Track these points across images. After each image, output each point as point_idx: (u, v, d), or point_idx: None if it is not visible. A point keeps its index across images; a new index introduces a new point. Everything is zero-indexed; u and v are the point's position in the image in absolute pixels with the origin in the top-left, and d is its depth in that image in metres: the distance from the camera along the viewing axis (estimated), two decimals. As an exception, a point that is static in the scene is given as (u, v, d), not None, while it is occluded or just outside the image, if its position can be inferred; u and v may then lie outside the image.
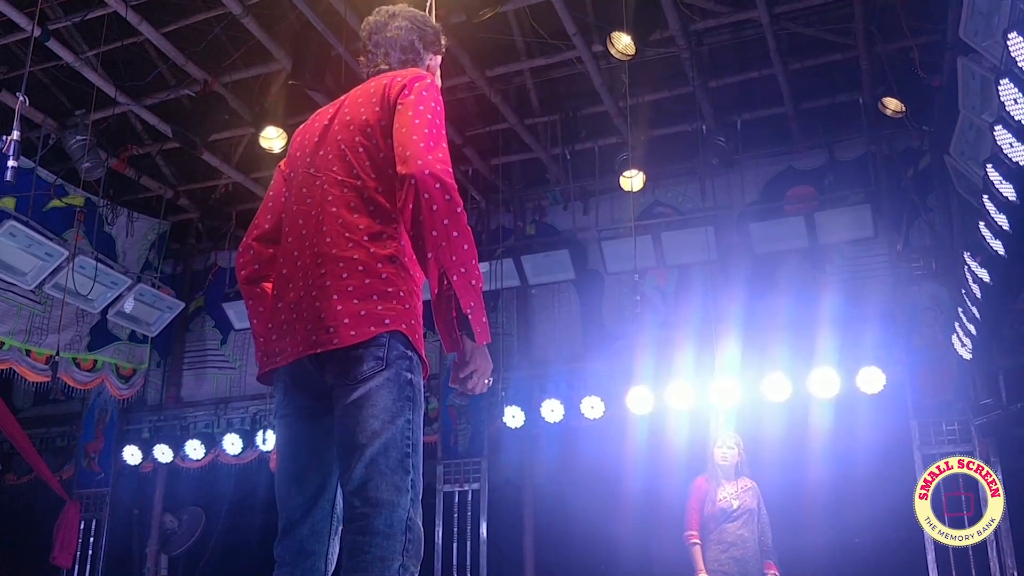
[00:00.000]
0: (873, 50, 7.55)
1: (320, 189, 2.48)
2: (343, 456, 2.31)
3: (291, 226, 2.53)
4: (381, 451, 2.26)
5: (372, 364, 2.30)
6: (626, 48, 7.08)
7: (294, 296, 2.42)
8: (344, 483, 2.30)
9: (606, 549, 8.28)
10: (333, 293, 2.33)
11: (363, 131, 2.46)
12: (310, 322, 2.35)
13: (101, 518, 9.90)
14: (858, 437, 7.60)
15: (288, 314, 2.43)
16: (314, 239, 2.42)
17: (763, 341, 8.16)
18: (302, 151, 2.63)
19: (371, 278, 2.35)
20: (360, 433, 2.27)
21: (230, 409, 10.06)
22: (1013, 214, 5.19)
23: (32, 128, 8.29)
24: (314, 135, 2.61)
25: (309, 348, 2.35)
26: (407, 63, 2.69)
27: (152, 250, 9.91)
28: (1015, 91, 4.52)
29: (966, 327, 6.77)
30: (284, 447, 2.51)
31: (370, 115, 2.47)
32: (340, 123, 2.54)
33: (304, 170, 2.56)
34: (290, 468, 2.48)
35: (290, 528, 2.44)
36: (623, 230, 8.68)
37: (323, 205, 2.45)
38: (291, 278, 2.45)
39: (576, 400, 8.52)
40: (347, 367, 2.31)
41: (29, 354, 8.92)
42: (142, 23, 7.15)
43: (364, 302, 2.32)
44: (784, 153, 8.90)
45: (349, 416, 2.30)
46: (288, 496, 2.46)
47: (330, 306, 2.32)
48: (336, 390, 2.35)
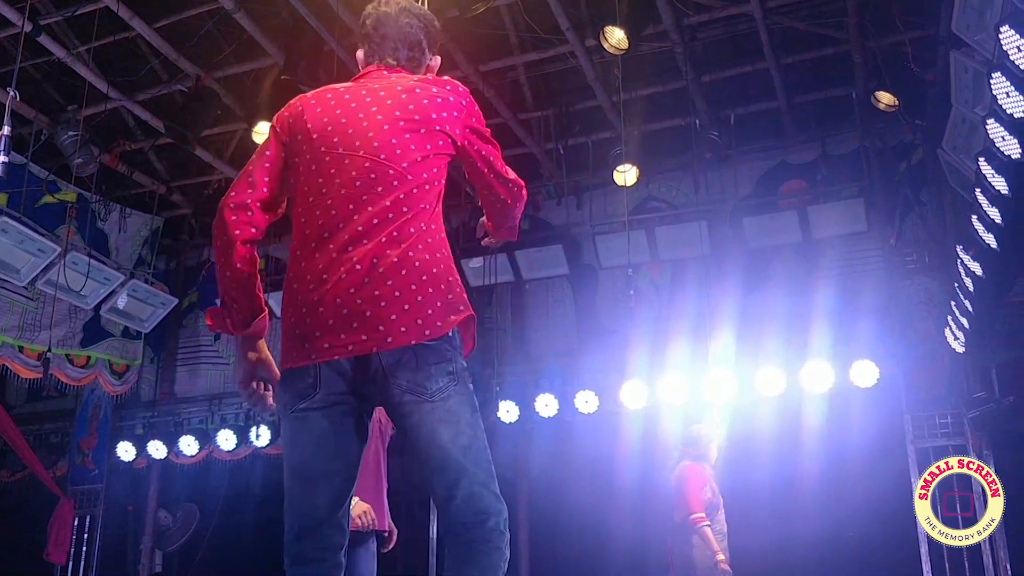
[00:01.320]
0: (866, 44, 7.55)
1: (395, 176, 2.42)
2: (439, 469, 2.34)
3: (342, 208, 2.39)
4: (477, 463, 2.37)
5: (447, 378, 2.37)
6: (619, 43, 7.07)
7: (352, 285, 2.32)
8: (447, 491, 2.34)
9: (600, 543, 8.29)
10: (412, 283, 2.34)
11: (433, 134, 2.48)
12: (387, 314, 2.32)
13: (95, 515, 9.90)
14: (851, 431, 7.63)
15: (350, 304, 2.32)
16: (389, 232, 2.37)
17: (756, 335, 8.18)
18: (341, 131, 2.47)
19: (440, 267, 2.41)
20: (456, 450, 2.34)
21: (224, 405, 10.05)
22: (1005, 207, 5.20)
23: (24, 124, 8.26)
24: (356, 118, 2.49)
25: (381, 344, 2.31)
26: (413, 60, 2.67)
27: (145, 246, 9.88)
28: (1007, 85, 4.53)
29: (959, 320, 6.79)
30: (310, 445, 2.38)
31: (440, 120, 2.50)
32: (404, 118, 2.47)
33: (353, 152, 2.44)
34: (316, 467, 2.38)
35: (315, 528, 2.38)
36: (617, 225, 8.69)
37: (408, 193, 2.41)
38: (346, 265, 2.34)
39: (570, 394, 8.53)
40: (423, 377, 2.34)
41: (22, 351, 8.90)
42: (134, 18, 7.13)
43: (437, 292, 2.39)
44: (777, 147, 8.90)
45: (439, 435, 2.34)
46: (314, 495, 2.38)
47: (419, 294, 2.35)
48: (406, 403, 2.35)
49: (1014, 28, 4.33)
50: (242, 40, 7.61)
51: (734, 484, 6.82)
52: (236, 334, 2.47)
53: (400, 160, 2.42)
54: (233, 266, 2.41)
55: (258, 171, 2.50)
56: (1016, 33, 4.33)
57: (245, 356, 2.47)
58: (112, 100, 8.02)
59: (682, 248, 8.70)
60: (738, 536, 6.49)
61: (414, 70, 2.68)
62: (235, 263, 2.41)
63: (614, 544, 8.14)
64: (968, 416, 7.38)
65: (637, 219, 8.79)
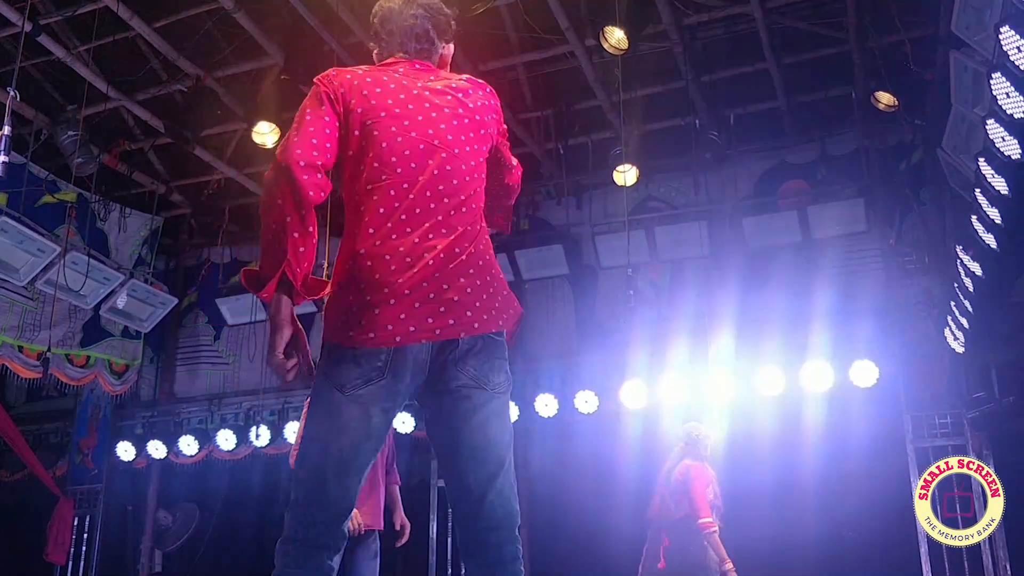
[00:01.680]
0: (866, 44, 7.55)
1: (466, 172, 2.49)
2: (482, 459, 2.36)
3: (421, 197, 2.39)
4: (510, 463, 2.43)
5: (504, 377, 2.49)
6: (619, 43, 7.07)
7: (438, 271, 2.33)
8: (482, 486, 2.35)
9: (600, 543, 8.28)
10: (485, 274, 2.41)
11: (479, 134, 2.58)
12: (466, 301, 2.36)
13: (95, 514, 9.90)
14: (851, 431, 7.62)
15: (437, 290, 2.32)
16: (469, 223, 2.43)
17: (756, 335, 8.17)
18: (411, 116, 2.47)
19: (503, 282, 2.51)
20: (500, 444, 2.41)
21: (224, 405, 10.05)
22: (1005, 208, 5.20)
23: (23, 124, 8.25)
24: (422, 107, 2.50)
25: (466, 330, 2.35)
26: (422, 52, 2.67)
27: (145, 246, 9.88)
28: (1007, 85, 4.53)
29: (959, 321, 6.78)
30: (362, 432, 2.32)
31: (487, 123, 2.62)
32: (468, 117, 2.55)
33: (428, 140, 2.45)
34: (361, 456, 2.33)
35: (341, 518, 2.34)
36: (616, 225, 8.69)
37: (473, 192, 2.48)
38: (431, 252, 2.33)
39: (570, 395, 8.53)
40: (489, 369, 2.42)
41: (22, 350, 8.89)
42: (133, 18, 7.13)
43: (501, 286, 2.48)
44: (777, 147, 8.91)
45: (491, 425, 2.40)
46: (350, 483, 2.32)
47: (489, 287, 2.41)
48: (468, 387, 2.38)
49: (1014, 28, 4.33)
50: (242, 40, 7.61)
51: (734, 484, 6.82)
52: (307, 297, 2.36)
53: (469, 158, 2.50)
54: (305, 229, 2.30)
55: (320, 135, 2.38)
56: (1016, 33, 4.33)
57: (291, 321, 2.33)
58: (112, 100, 8.02)
59: (682, 248, 8.71)
60: (738, 536, 6.47)
61: (427, 61, 2.69)
62: (308, 227, 2.30)
63: (614, 544, 8.12)
64: (968, 416, 7.38)
65: (637, 219, 8.79)
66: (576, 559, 8.59)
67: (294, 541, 2.31)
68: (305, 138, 2.35)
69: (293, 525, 2.33)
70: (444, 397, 2.38)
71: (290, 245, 2.28)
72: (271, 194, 2.30)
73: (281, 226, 2.28)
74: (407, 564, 8.48)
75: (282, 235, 2.28)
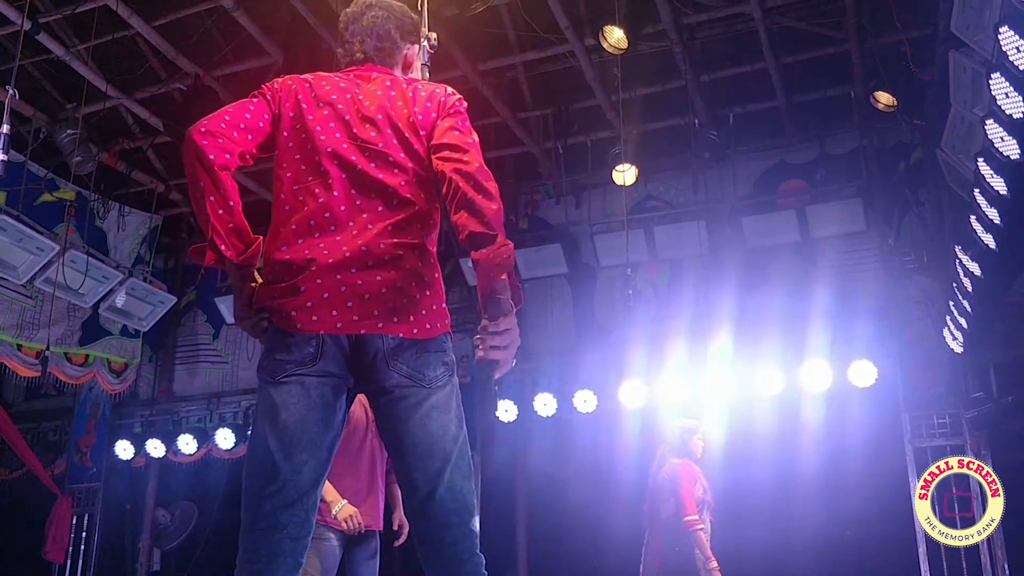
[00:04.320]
0: (865, 44, 7.56)
1: (385, 167, 2.47)
2: (426, 456, 2.34)
3: (346, 188, 2.43)
4: (460, 456, 2.38)
5: (443, 369, 2.41)
6: (618, 42, 7.08)
7: (357, 261, 2.35)
8: (430, 482, 2.34)
9: (599, 542, 8.28)
10: (413, 280, 2.38)
11: (414, 130, 2.53)
12: (390, 301, 2.35)
13: (93, 513, 9.89)
14: (850, 430, 7.62)
15: (350, 279, 2.34)
16: (387, 215, 2.42)
17: (755, 335, 8.17)
18: (336, 115, 2.53)
19: (436, 273, 2.47)
20: (444, 439, 2.36)
21: (222, 403, 10.05)
22: (1004, 208, 5.20)
23: (22, 122, 8.26)
24: (355, 107, 2.55)
25: (389, 328, 2.34)
26: (382, 51, 2.71)
27: (144, 244, 9.87)
28: (1006, 85, 4.53)
29: (957, 320, 6.79)
30: (302, 407, 2.33)
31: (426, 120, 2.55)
32: (381, 111, 2.54)
33: (356, 142, 2.49)
34: (307, 431, 2.32)
35: (301, 497, 2.31)
36: (615, 224, 8.70)
37: (393, 187, 2.45)
38: (351, 242, 2.37)
39: (569, 394, 8.53)
40: (423, 364, 2.37)
41: (20, 349, 8.89)
42: (133, 16, 7.13)
43: (434, 297, 2.43)
44: (776, 147, 8.91)
45: (431, 420, 2.36)
46: (300, 462, 2.31)
47: (415, 292, 2.38)
48: (402, 387, 2.36)
49: (1013, 28, 4.33)
50: (241, 38, 7.61)
51: (732, 483, 6.83)
52: (237, 261, 2.38)
53: (401, 162, 2.49)
54: (219, 191, 2.36)
55: (236, 115, 2.49)
56: (1015, 33, 4.33)
57: (247, 285, 2.43)
58: (111, 98, 8.02)
59: (681, 247, 8.71)
60: (735, 535, 6.48)
61: (383, 60, 2.72)
62: (222, 189, 2.36)
63: (612, 543, 8.12)
64: (966, 416, 7.39)
65: (636, 218, 8.79)
66: (575, 557, 8.60)
67: (249, 532, 2.33)
68: (215, 115, 2.46)
69: (245, 514, 2.34)
70: (381, 398, 2.39)
71: (209, 208, 2.35)
72: (185, 166, 2.42)
73: (200, 192, 2.36)
74: (404, 564, 8.49)
75: (202, 201, 2.36)
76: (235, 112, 2.49)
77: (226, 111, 2.47)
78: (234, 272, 2.41)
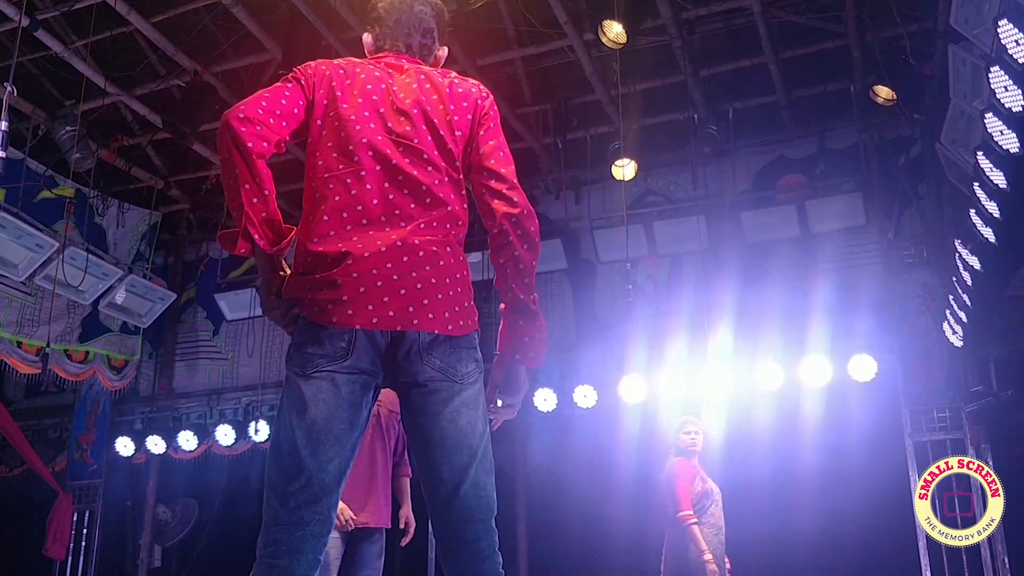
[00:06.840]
0: (864, 38, 7.55)
1: (420, 164, 2.45)
2: (453, 451, 2.35)
3: (380, 181, 2.41)
4: (484, 453, 2.39)
5: (474, 365, 2.42)
6: (617, 37, 7.07)
7: (392, 257, 2.33)
8: (456, 478, 2.34)
9: (599, 538, 8.29)
10: (446, 277, 2.39)
11: (450, 129, 2.52)
12: (425, 296, 2.34)
13: (94, 510, 9.90)
14: (849, 425, 7.62)
15: (385, 274, 2.32)
16: (420, 213, 2.41)
17: (755, 330, 8.17)
18: (371, 106, 2.49)
19: (466, 271, 2.47)
20: (472, 435, 2.37)
21: (223, 400, 10.06)
22: (1003, 202, 5.20)
23: (21, 119, 8.25)
24: (389, 98, 2.51)
25: (425, 324, 2.33)
26: (424, 48, 2.70)
27: (143, 241, 9.88)
28: (1005, 79, 4.53)
29: (957, 315, 6.79)
30: (332, 404, 2.31)
31: (462, 121, 2.55)
32: (417, 106, 2.50)
33: (389, 134, 2.46)
34: (334, 428, 2.31)
35: (325, 495, 2.30)
36: (615, 219, 8.69)
37: (428, 185, 2.44)
38: (385, 237, 2.35)
39: (569, 389, 8.53)
40: (456, 360, 2.38)
41: (20, 346, 8.89)
42: (131, 13, 7.12)
43: (465, 294, 2.45)
44: (776, 142, 8.91)
45: (462, 416, 2.37)
46: (327, 459, 2.30)
47: (449, 288, 2.39)
48: (435, 381, 2.36)
49: (1012, 22, 4.33)
50: (240, 35, 7.60)
51: (732, 478, 6.83)
52: (271, 252, 2.35)
53: (435, 155, 2.48)
54: (255, 180, 2.32)
55: (273, 101, 2.43)
56: (1014, 27, 4.33)
57: (277, 275, 2.40)
58: (110, 95, 8.01)
59: (680, 242, 8.71)
60: (736, 529, 6.49)
61: (425, 58, 2.71)
62: (258, 177, 2.32)
63: (613, 538, 8.14)
64: (966, 410, 7.38)
65: (635, 213, 8.79)
66: (575, 552, 8.61)
67: (272, 526, 2.30)
68: (253, 100, 2.40)
69: (268, 509, 2.32)
70: (413, 391, 2.38)
71: (244, 196, 2.31)
72: (221, 151, 2.36)
73: (234, 179, 2.32)
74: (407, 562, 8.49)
75: (237, 189, 2.32)
76: (272, 97, 2.43)
77: (263, 96, 2.42)
78: (265, 263, 2.38)
